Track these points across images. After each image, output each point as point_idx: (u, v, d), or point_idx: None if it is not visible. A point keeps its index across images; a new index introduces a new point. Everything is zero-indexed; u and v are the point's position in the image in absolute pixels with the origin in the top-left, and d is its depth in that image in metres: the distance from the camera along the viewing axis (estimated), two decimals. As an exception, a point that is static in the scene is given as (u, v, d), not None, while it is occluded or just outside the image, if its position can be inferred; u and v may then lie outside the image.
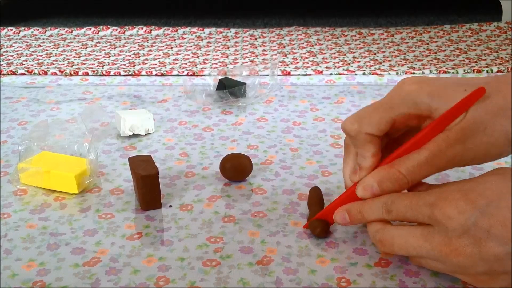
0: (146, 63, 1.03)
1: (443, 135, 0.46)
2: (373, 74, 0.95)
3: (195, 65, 1.02)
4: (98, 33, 1.23)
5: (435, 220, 0.44)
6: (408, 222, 0.47)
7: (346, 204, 0.51)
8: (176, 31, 1.24)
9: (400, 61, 1.03)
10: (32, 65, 1.02)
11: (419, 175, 0.48)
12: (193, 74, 0.97)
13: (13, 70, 0.98)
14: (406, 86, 0.49)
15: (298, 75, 0.96)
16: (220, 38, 1.19)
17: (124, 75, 0.97)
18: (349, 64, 1.01)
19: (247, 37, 1.20)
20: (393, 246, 0.47)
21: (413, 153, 0.47)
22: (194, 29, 1.23)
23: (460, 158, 0.46)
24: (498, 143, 0.46)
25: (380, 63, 1.01)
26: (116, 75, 0.97)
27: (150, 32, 1.23)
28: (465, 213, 0.43)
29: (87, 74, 0.97)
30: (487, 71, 0.96)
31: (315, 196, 0.58)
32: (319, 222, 0.53)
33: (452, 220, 0.43)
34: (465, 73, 0.96)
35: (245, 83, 0.85)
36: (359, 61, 1.03)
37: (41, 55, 1.08)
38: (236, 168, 0.63)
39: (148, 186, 0.57)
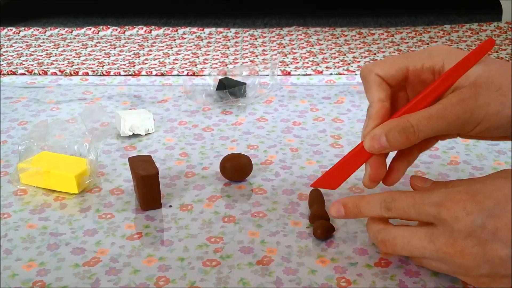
0: (146, 63, 1.03)
1: (457, 92, 0.46)
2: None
3: (195, 65, 1.02)
4: (98, 33, 1.23)
5: (441, 220, 0.44)
6: (408, 221, 0.47)
7: (343, 198, 0.50)
8: (176, 31, 1.24)
9: (400, 61, 1.03)
10: (32, 65, 1.02)
11: (428, 128, 0.46)
12: (193, 74, 0.97)
13: (13, 70, 0.98)
14: (429, 47, 0.50)
15: (298, 75, 0.96)
16: (220, 38, 1.19)
17: (124, 75, 0.97)
18: (349, 64, 1.01)
19: (247, 37, 1.20)
20: (395, 247, 0.47)
21: (426, 108, 0.47)
22: (194, 29, 1.23)
23: (470, 115, 0.45)
24: (510, 104, 0.45)
25: (380, 63, 1.01)
26: (116, 75, 0.97)
27: (150, 32, 1.23)
28: (472, 215, 0.43)
29: (87, 74, 0.97)
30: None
31: (316, 196, 0.58)
32: (321, 224, 0.53)
33: (459, 221, 0.43)
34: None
35: (245, 83, 0.85)
36: (359, 61, 1.03)
37: (41, 55, 1.08)
38: (236, 168, 0.63)
39: (148, 186, 0.57)
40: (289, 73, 0.96)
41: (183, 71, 0.98)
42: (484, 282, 0.44)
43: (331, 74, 0.96)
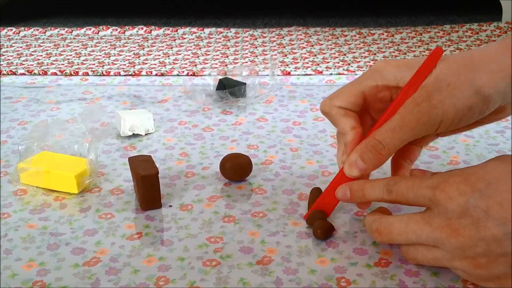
0: (146, 63, 1.03)
1: (410, 98, 0.48)
2: (373, 74, 0.95)
3: (195, 65, 1.02)
4: (98, 33, 1.23)
5: (436, 201, 0.45)
6: (406, 206, 0.48)
7: (350, 182, 0.52)
8: (176, 31, 1.24)
9: (400, 61, 1.03)
10: (32, 65, 1.02)
11: (395, 139, 0.49)
12: (193, 74, 0.97)
13: (13, 70, 0.98)
14: (374, 64, 0.52)
15: (298, 75, 0.96)
16: (220, 38, 1.19)
17: (124, 75, 0.97)
18: (349, 64, 1.01)
19: (247, 37, 1.20)
20: (391, 234, 0.48)
21: (387, 121, 0.49)
22: (194, 29, 1.23)
23: (428, 117, 0.47)
24: (464, 95, 0.47)
25: (380, 63, 1.01)
26: (116, 75, 0.97)
27: (150, 32, 1.23)
28: (465, 195, 0.44)
29: (87, 74, 0.97)
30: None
31: (316, 197, 0.58)
32: (321, 224, 0.53)
33: (452, 200, 0.44)
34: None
35: (245, 83, 0.85)
36: (359, 61, 1.03)
37: (41, 55, 1.08)
38: (236, 168, 0.63)
39: (148, 186, 0.57)
40: (289, 73, 0.96)
41: (183, 71, 0.98)
42: (482, 264, 0.44)
43: (331, 74, 0.96)
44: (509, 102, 0.49)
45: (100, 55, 1.08)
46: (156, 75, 0.97)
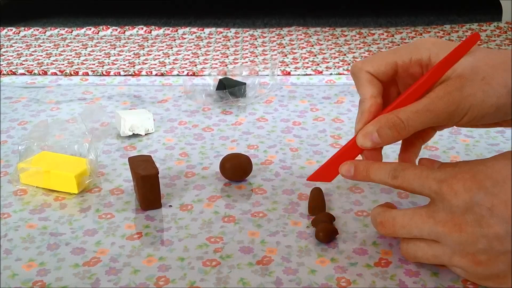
0: (146, 63, 1.03)
1: (443, 84, 0.48)
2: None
3: (195, 65, 1.02)
4: (98, 33, 1.23)
5: (441, 195, 0.45)
6: (409, 202, 0.48)
7: (356, 160, 0.52)
8: (176, 31, 1.24)
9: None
10: (32, 65, 1.02)
11: (417, 122, 0.48)
12: (193, 74, 0.97)
13: (13, 70, 0.98)
14: (416, 40, 0.52)
15: (298, 75, 0.96)
16: (220, 38, 1.19)
17: (124, 75, 0.97)
18: (349, 64, 1.01)
19: (247, 37, 1.20)
20: (394, 227, 0.48)
21: (414, 102, 0.48)
22: (194, 29, 1.23)
23: (456, 107, 0.47)
24: (496, 93, 0.46)
25: (380, 63, 1.01)
26: (116, 75, 0.97)
27: (150, 32, 1.23)
28: (470, 192, 0.44)
29: (87, 74, 0.97)
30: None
31: (317, 197, 0.58)
32: (324, 227, 0.53)
33: (457, 196, 0.44)
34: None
35: (245, 83, 0.85)
36: (359, 61, 1.03)
37: (41, 55, 1.08)
38: (236, 168, 0.63)
39: (148, 186, 0.57)
40: (289, 73, 0.96)
41: (183, 71, 0.98)
42: (482, 261, 0.44)
43: (331, 74, 0.96)
44: None
45: (100, 55, 1.08)
46: (156, 75, 0.97)
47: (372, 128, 0.50)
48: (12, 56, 1.08)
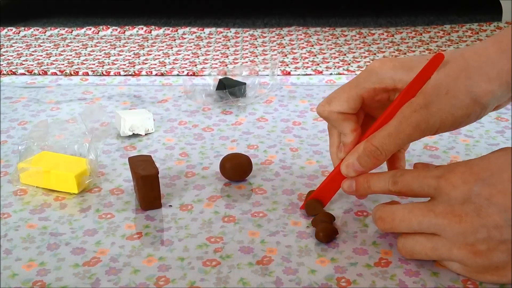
0: (146, 63, 1.03)
1: (408, 103, 0.49)
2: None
3: (195, 65, 1.02)
4: (98, 33, 1.23)
5: (440, 189, 0.46)
6: (411, 198, 0.49)
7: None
8: (176, 31, 1.24)
9: (400, 61, 1.03)
10: (32, 65, 1.02)
11: (391, 145, 0.49)
12: (193, 74, 0.97)
13: (13, 70, 0.98)
14: (370, 65, 0.52)
15: (298, 75, 0.96)
16: (220, 38, 1.19)
17: (124, 75, 0.97)
18: (349, 64, 1.01)
19: (247, 37, 1.20)
20: (394, 221, 0.48)
21: (385, 126, 0.50)
22: (194, 29, 1.23)
23: (426, 124, 0.48)
24: (463, 104, 0.47)
25: (380, 63, 1.01)
26: (116, 75, 0.97)
27: (150, 32, 1.23)
28: (468, 183, 0.45)
29: (87, 74, 0.97)
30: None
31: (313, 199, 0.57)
32: (324, 227, 0.53)
33: (456, 188, 0.45)
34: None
35: (245, 83, 0.85)
36: (359, 61, 1.03)
37: (41, 55, 1.08)
38: (236, 168, 0.63)
39: (148, 186, 0.57)
40: (289, 73, 0.96)
41: (183, 71, 0.98)
42: (481, 252, 0.45)
43: (331, 74, 0.96)
44: (503, 102, 0.49)
45: (100, 55, 1.08)
46: (156, 75, 0.97)
47: (352, 158, 0.52)
48: (12, 56, 1.08)
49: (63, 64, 1.02)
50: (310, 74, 0.96)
